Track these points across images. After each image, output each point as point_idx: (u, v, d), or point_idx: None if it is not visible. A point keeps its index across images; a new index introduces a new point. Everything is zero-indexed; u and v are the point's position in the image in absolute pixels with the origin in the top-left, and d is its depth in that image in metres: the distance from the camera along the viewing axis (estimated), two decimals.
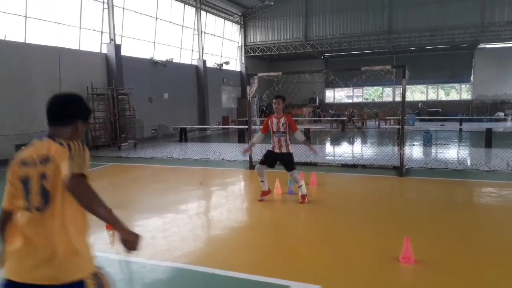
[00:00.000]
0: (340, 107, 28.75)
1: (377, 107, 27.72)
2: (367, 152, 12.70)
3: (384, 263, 3.98)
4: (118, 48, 16.14)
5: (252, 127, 10.13)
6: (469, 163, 9.83)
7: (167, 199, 7.00)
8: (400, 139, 8.79)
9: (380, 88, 30.45)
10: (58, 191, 1.92)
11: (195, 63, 22.49)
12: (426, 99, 28.88)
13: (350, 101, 31.21)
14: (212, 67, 24.07)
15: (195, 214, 6.24)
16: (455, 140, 15.72)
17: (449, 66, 27.57)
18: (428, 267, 3.83)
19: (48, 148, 1.96)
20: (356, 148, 14.62)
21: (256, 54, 27.60)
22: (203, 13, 23.09)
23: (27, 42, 12.80)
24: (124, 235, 1.92)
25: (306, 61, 29.30)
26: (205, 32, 23.35)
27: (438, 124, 20.26)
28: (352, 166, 9.66)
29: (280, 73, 9.85)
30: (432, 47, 26.49)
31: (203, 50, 22.98)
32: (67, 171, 1.86)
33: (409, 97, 27.52)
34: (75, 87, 14.13)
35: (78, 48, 14.90)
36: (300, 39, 26.16)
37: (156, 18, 19.20)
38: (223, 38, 25.77)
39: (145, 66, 18.26)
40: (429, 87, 29.14)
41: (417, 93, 29.87)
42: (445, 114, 25.39)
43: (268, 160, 6.36)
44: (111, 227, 1.99)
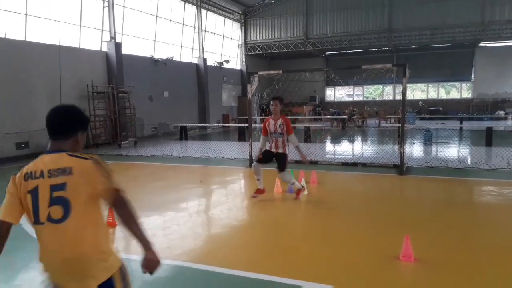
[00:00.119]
0: (341, 106, 28.74)
1: (377, 105, 27.74)
2: (367, 151, 12.70)
3: (384, 261, 3.98)
4: (118, 46, 16.13)
5: (253, 125, 10.12)
6: (469, 161, 9.82)
7: (167, 197, 7.01)
8: (401, 137, 8.80)
9: (381, 86, 30.42)
10: (79, 200, 1.94)
11: (195, 61, 22.47)
12: (426, 98, 28.87)
13: (351, 99, 31.19)
14: (213, 65, 24.06)
15: (195, 212, 6.24)
16: (456, 138, 15.72)
17: (449, 65, 27.54)
18: (428, 266, 3.83)
19: (67, 161, 1.98)
20: (356, 147, 14.61)
21: (257, 52, 27.58)
22: (204, 11, 23.06)
23: (27, 40, 12.79)
24: (151, 255, 1.98)
25: (307, 59, 29.30)
26: (205, 30, 23.32)
27: (439, 123, 20.25)
28: (353, 165, 9.66)
29: (281, 71, 9.83)
30: (433, 45, 26.42)
31: (203, 49, 22.96)
32: (107, 186, 1.97)
33: (409, 95, 27.50)
34: (76, 85, 14.15)
35: (78, 46, 14.89)
36: (300, 37, 26.13)
37: (156, 16, 19.19)
38: (223, 36, 25.74)
39: (145, 65, 18.25)
40: (429, 85, 29.11)
41: (417, 91, 29.84)
42: (445, 112, 25.39)
43: (265, 157, 6.44)
44: (112, 224, 1.99)
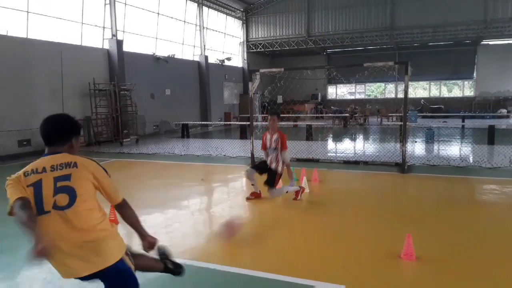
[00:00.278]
0: (342, 104, 28.70)
1: (379, 103, 27.70)
2: (369, 149, 12.68)
3: (385, 259, 3.98)
4: (120, 43, 16.13)
5: (254, 123, 10.11)
6: (471, 160, 9.80)
7: (169, 195, 7.02)
8: (402, 135, 8.78)
9: (383, 84, 30.34)
10: (84, 190, 2.13)
11: (197, 59, 22.45)
12: (428, 96, 28.79)
13: (352, 97, 31.11)
14: (214, 63, 24.04)
15: (197, 210, 6.25)
16: (458, 137, 15.68)
17: (451, 63, 27.43)
18: (430, 264, 3.83)
19: (71, 158, 2.18)
20: (358, 145, 14.60)
21: (258, 50, 27.54)
22: (205, 8, 23.02)
23: (29, 37, 12.79)
24: (150, 237, 2.50)
25: (308, 57, 29.25)
26: (207, 28, 23.29)
27: (441, 121, 20.21)
28: (354, 163, 9.65)
29: (282, 69, 9.80)
30: (435, 43, 26.31)
31: (205, 46, 22.93)
32: (117, 196, 2.34)
33: (411, 93, 27.45)
34: (77, 83, 14.16)
35: (80, 44, 14.89)
36: (302, 35, 26.07)
37: (158, 13, 19.17)
38: (225, 34, 25.70)
39: (147, 62, 18.24)
40: (431, 83, 29.02)
41: (419, 89, 29.75)
42: (447, 110, 25.34)
43: (260, 166, 6.45)
44: (115, 221, 2.16)
